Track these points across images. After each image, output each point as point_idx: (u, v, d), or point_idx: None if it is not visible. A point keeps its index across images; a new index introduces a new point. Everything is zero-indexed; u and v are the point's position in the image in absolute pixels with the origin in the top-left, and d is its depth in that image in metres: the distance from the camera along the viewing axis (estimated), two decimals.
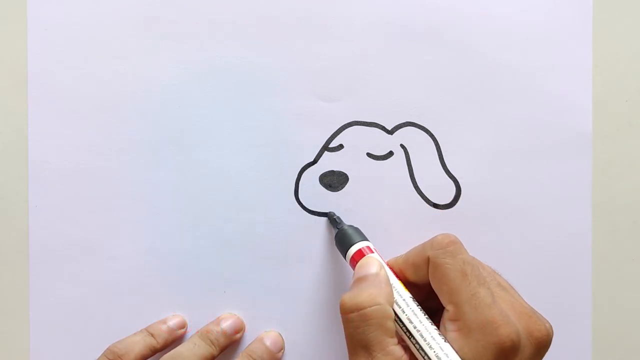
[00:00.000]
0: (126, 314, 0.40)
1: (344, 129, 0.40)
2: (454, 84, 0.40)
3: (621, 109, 0.41)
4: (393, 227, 0.40)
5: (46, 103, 0.40)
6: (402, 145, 0.40)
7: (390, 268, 0.35)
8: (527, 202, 0.40)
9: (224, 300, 0.40)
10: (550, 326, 0.32)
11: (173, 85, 0.40)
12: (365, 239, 0.37)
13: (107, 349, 0.38)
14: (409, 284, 0.35)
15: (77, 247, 0.40)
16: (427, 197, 0.40)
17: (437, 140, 0.40)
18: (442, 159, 0.40)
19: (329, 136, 0.40)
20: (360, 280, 0.34)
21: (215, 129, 0.40)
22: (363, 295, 0.32)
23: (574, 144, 0.41)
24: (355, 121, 0.40)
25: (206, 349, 0.38)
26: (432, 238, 0.33)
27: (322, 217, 0.40)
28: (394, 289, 0.33)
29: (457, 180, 0.40)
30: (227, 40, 0.40)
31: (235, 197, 0.40)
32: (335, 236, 0.38)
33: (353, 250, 0.36)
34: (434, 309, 0.34)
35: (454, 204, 0.40)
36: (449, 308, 0.32)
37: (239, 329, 0.39)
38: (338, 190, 0.40)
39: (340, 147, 0.40)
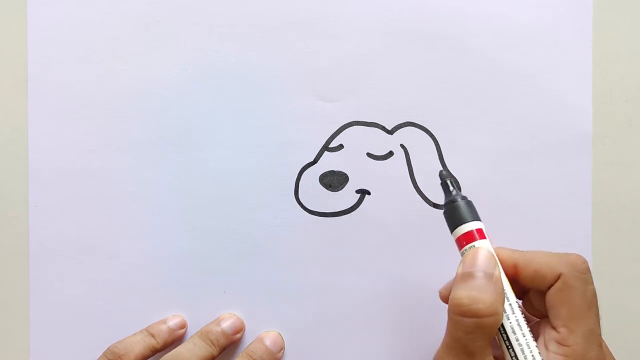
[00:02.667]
0: (126, 314, 0.40)
1: (344, 129, 0.40)
2: (454, 84, 0.40)
3: (621, 109, 0.41)
4: (393, 227, 0.40)
5: (46, 103, 0.40)
6: (402, 145, 0.40)
7: (501, 261, 0.33)
8: (527, 202, 0.40)
9: (224, 300, 0.40)
10: None
11: (173, 86, 0.40)
12: (478, 219, 0.34)
13: (107, 349, 0.38)
14: (511, 281, 0.33)
15: (77, 247, 0.40)
16: (427, 197, 0.40)
17: (437, 140, 0.40)
18: (442, 159, 0.40)
19: (329, 136, 0.40)
20: (478, 276, 0.31)
21: (215, 129, 0.40)
22: (485, 302, 0.30)
23: (574, 144, 0.41)
24: (355, 121, 0.40)
25: (206, 349, 0.38)
26: (567, 255, 0.32)
27: (322, 217, 0.40)
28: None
29: (457, 180, 0.40)
30: (227, 41, 0.40)
31: (235, 196, 0.40)
32: (445, 206, 0.35)
33: (463, 229, 0.33)
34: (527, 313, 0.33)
35: None
36: (562, 331, 0.31)
37: (239, 329, 0.39)
38: (338, 190, 0.40)
39: (340, 147, 0.40)
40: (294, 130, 0.40)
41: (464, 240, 0.33)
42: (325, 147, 0.40)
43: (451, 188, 0.35)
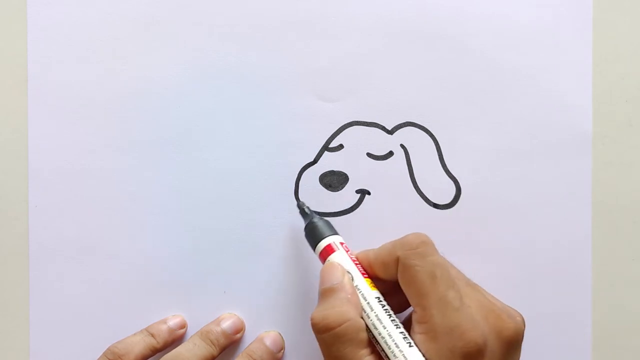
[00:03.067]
0: (126, 314, 0.40)
1: (344, 129, 0.40)
2: (454, 83, 0.40)
3: (621, 109, 0.41)
4: (393, 228, 0.40)
5: (46, 103, 0.40)
6: (402, 145, 0.40)
7: (360, 263, 0.35)
8: (527, 202, 0.40)
9: (224, 300, 0.40)
10: (522, 320, 0.33)
11: (173, 85, 0.40)
12: (335, 233, 0.36)
13: (107, 349, 0.38)
14: (378, 280, 0.34)
15: (77, 247, 0.40)
16: (427, 197, 0.40)
17: (437, 140, 0.40)
18: (442, 159, 0.40)
19: (329, 136, 0.40)
20: (326, 293, 0.33)
21: (215, 129, 0.40)
22: (332, 314, 0.32)
23: (574, 144, 0.41)
24: (355, 121, 0.40)
25: (206, 349, 0.38)
26: (403, 237, 0.33)
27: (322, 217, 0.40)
28: (359, 292, 0.33)
29: (457, 180, 0.40)
30: (227, 41, 0.40)
31: (235, 197, 0.40)
32: (305, 228, 0.37)
33: (322, 245, 0.36)
34: (405, 304, 0.34)
35: (454, 204, 0.40)
36: (417, 310, 0.32)
37: (239, 329, 0.39)
38: (338, 190, 0.40)
39: (340, 147, 0.40)
40: (294, 130, 0.40)
41: (323, 258, 0.36)
42: (325, 147, 0.40)
43: (307, 212, 0.38)
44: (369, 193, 0.40)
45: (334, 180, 0.40)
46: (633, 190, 0.41)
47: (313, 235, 0.36)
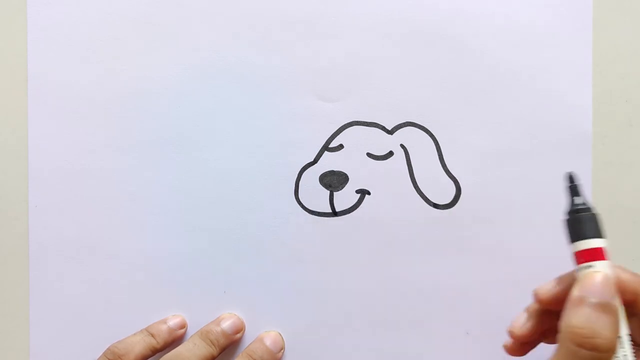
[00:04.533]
0: (126, 314, 0.40)
1: (344, 129, 0.40)
2: (454, 84, 0.40)
3: (621, 109, 0.41)
4: (393, 227, 0.40)
5: (46, 103, 0.40)
6: (402, 145, 0.40)
7: (622, 284, 0.31)
8: (527, 202, 0.40)
9: (224, 300, 0.40)
10: None
11: (173, 86, 0.40)
12: (600, 235, 0.31)
13: (107, 349, 0.38)
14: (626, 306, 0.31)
15: (77, 247, 0.40)
16: (427, 197, 0.40)
17: (437, 140, 0.40)
18: (442, 159, 0.40)
19: (329, 136, 0.40)
20: (599, 307, 0.29)
21: (215, 129, 0.40)
22: (605, 337, 0.28)
23: (574, 144, 0.41)
24: (355, 121, 0.40)
25: (206, 349, 0.38)
26: None
27: (323, 217, 0.40)
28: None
29: (457, 180, 0.40)
30: (227, 41, 0.40)
31: (235, 197, 0.40)
32: (568, 213, 0.33)
33: (586, 245, 0.31)
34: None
35: (454, 204, 0.40)
36: None
37: (239, 329, 0.39)
38: (338, 190, 0.40)
39: (340, 147, 0.40)
40: (294, 130, 0.40)
41: (583, 258, 0.31)
42: (325, 147, 0.40)
43: (578, 195, 0.33)
44: (369, 193, 0.40)
45: (334, 180, 0.40)
46: (633, 190, 0.41)
47: (585, 227, 0.32)
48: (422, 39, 0.40)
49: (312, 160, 0.40)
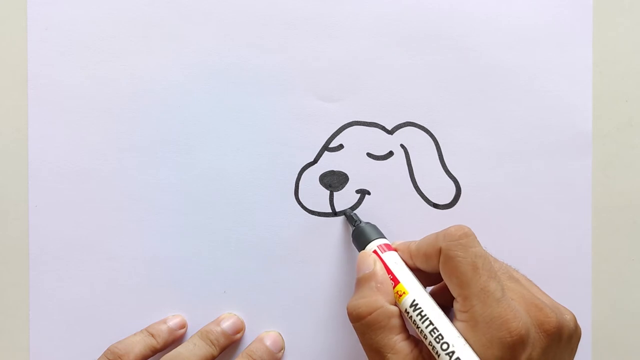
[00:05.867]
0: (126, 314, 0.40)
1: (344, 129, 0.40)
2: (454, 84, 0.40)
3: (621, 109, 0.41)
4: (393, 228, 0.40)
5: (46, 103, 0.40)
6: (402, 145, 0.40)
7: (401, 254, 0.35)
8: (527, 202, 0.40)
9: (224, 300, 0.40)
10: (571, 318, 0.32)
11: (173, 86, 0.40)
12: (382, 236, 0.37)
13: (107, 349, 0.38)
14: (419, 272, 0.35)
15: (77, 247, 0.40)
16: (427, 197, 0.40)
17: (437, 140, 0.40)
18: (442, 159, 0.40)
19: (329, 136, 0.40)
20: (359, 282, 0.35)
21: (215, 129, 0.40)
22: (362, 303, 0.33)
23: (574, 144, 0.41)
24: (355, 121, 0.40)
25: (206, 349, 0.38)
26: (446, 229, 0.33)
27: (322, 217, 0.40)
28: (402, 279, 0.34)
29: (457, 180, 0.40)
30: (227, 41, 0.40)
31: (235, 197, 0.40)
32: (352, 233, 0.38)
33: (370, 249, 0.36)
34: (445, 300, 0.34)
35: (454, 204, 0.40)
36: (459, 299, 0.32)
37: (239, 329, 0.39)
38: (338, 190, 0.40)
39: (340, 147, 0.40)
40: (294, 130, 0.40)
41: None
42: (325, 147, 0.40)
43: (355, 218, 0.39)
44: (369, 193, 0.40)
45: (334, 180, 0.40)
46: (633, 190, 0.41)
47: (359, 240, 0.37)
48: (423, 39, 0.40)
49: (312, 160, 0.40)
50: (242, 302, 0.40)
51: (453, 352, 0.30)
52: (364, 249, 0.36)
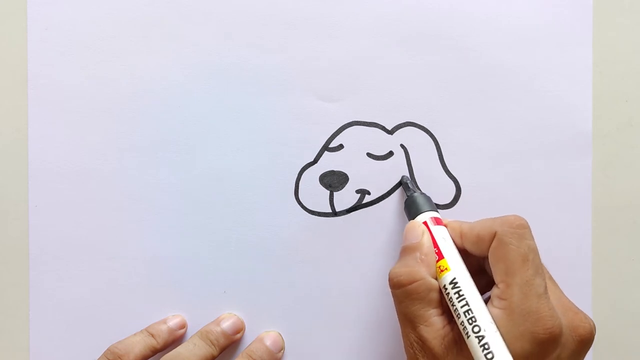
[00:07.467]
0: (126, 314, 0.40)
1: (344, 129, 0.40)
2: (454, 84, 0.40)
3: (621, 109, 0.41)
4: (393, 227, 0.40)
5: (46, 103, 0.40)
6: (402, 145, 0.40)
7: (450, 231, 0.36)
8: (527, 202, 0.40)
9: (224, 300, 0.40)
10: (594, 325, 0.33)
11: (173, 86, 0.40)
12: (434, 210, 0.37)
13: (107, 349, 0.38)
14: (465, 254, 0.35)
15: (77, 247, 0.40)
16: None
17: (437, 140, 0.40)
18: (442, 159, 0.40)
19: (329, 136, 0.40)
20: (404, 251, 0.35)
21: (215, 129, 0.40)
22: (405, 272, 0.33)
23: (574, 144, 0.41)
24: (355, 121, 0.40)
25: (206, 349, 0.38)
26: (504, 216, 0.33)
27: (322, 217, 0.40)
28: (447, 255, 0.34)
29: (457, 180, 0.40)
30: (227, 41, 0.40)
31: (235, 197, 0.40)
32: (405, 201, 0.38)
33: (420, 219, 0.36)
34: (481, 286, 0.34)
35: (454, 204, 0.40)
36: (500, 286, 0.32)
37: (239, 329, 0.39)
38: (338, 190, 0.40)
39: (340, 147, 0.40)
40: (294, 130, 0.40)
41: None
42: (325, 147, 0.40)
43: (410, 187, 0.39)
44: (369, 193, 0.40)
45: (334, 180, 0.40)
46: (633, 190, 0.41)
47: (410, 209, 0.37)
48: (423, 39, 0.40)
49: (312, 160, 0.40)
50: (242, 302, 0.40)
51: (483, 337, 0.30)
52: (414, 218, 0.37)
